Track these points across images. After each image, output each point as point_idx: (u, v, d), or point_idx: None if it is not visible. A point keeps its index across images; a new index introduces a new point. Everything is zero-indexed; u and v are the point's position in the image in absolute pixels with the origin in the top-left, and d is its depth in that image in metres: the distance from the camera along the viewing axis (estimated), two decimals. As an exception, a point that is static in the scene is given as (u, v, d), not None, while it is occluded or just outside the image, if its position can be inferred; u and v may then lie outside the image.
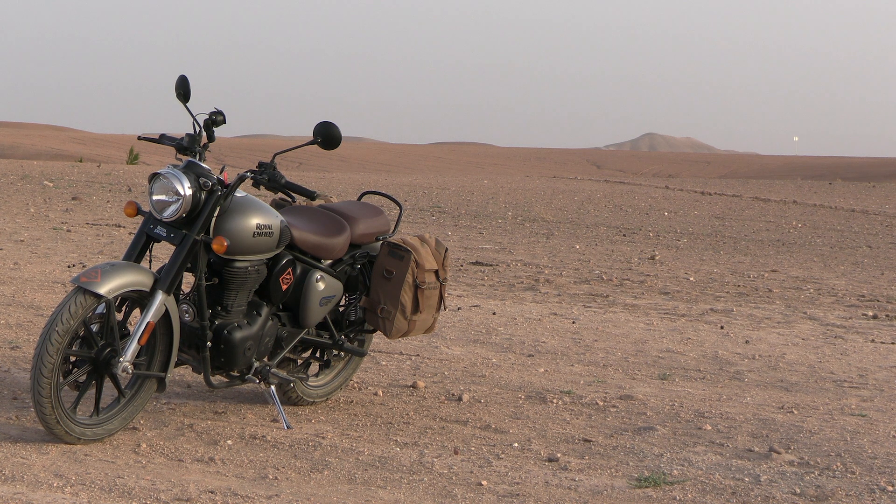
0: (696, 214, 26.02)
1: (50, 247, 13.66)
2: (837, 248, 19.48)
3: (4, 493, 4.72)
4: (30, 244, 13.81)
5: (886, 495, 5.19)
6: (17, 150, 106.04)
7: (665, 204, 29.06)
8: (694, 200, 31.12)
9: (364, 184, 29.38)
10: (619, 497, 5.08)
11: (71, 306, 5.22)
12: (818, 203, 31.84)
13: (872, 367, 8.27)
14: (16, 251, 12.88)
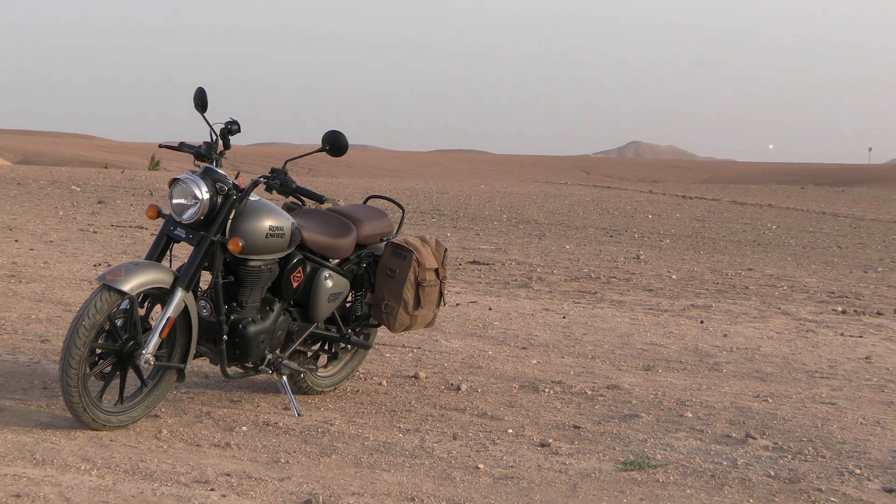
0: (678, 217, 26.00)
1: (77, 247, 13.66)
2: (809, 248, 19.48)
3: (35, 475, 4.73)
4: (58, 244, 13.81)
5: (854, 477, 5.20)
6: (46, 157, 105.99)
7: (649, 207, 29.04)
8: (676, 204, 31.10)
9: (369, 188, 29.36)
10: (606, 479, 5.09)
11: (97, 302, 5.23)
12: (791, 206, 31.82)
13: (841, 359, 8.27)
14: (45, 251, 12.89)
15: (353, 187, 30.64)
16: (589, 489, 4.94)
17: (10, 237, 14.27)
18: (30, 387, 6.21)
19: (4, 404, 5.82)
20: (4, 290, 9.40)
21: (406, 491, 4.79)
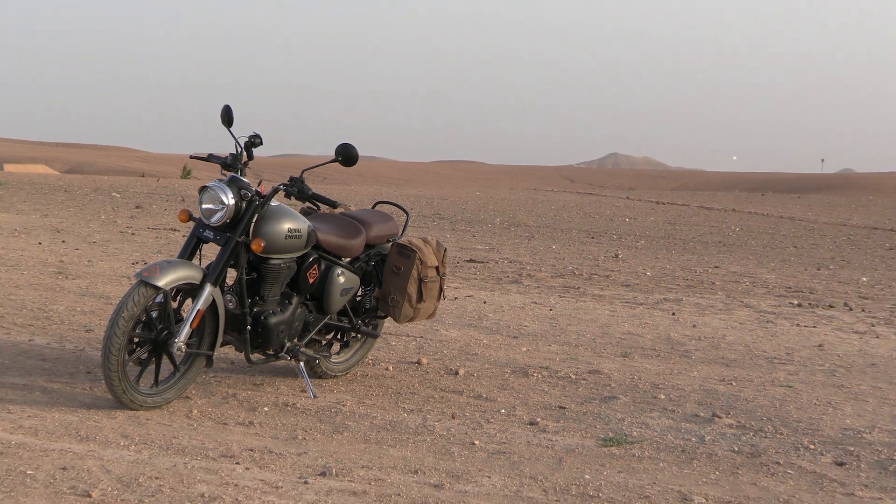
0: (652, 220, 26.01)
1: (117, 247, 13.66)
2: (769, 248, 19.48)
3: (80, 450, 4.73)
4: (101, 245, 13.81)
5: (808, 452, 5.20)
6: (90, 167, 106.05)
7: (626, 212, 29.05)
8: (650, 209, 31.11)
9: (377, 195, 29.35)
10: (588, 454, 5.09)
11: (135, 296, 5.24)
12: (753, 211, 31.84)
13: (797, 347, 8.28)
14: (89, 251, 12.88)
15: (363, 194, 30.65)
16: (573, 463, 4.94)
17: (58, 238, 14.26)
18: (75, 371, 6.21)
19: (53, 387, 5.83)
20: (53, 285, 9.40)
21: (410, 464, 4.79)
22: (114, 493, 4.22)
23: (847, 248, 20.30)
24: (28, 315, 7.83)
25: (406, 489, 4.43)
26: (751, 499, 4.51)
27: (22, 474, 4.37)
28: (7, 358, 6.44)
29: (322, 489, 4.39)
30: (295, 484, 4.44)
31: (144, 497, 4.19)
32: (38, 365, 6.32)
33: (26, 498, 4.12)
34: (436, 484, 4.52)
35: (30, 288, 9.13)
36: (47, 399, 5.58)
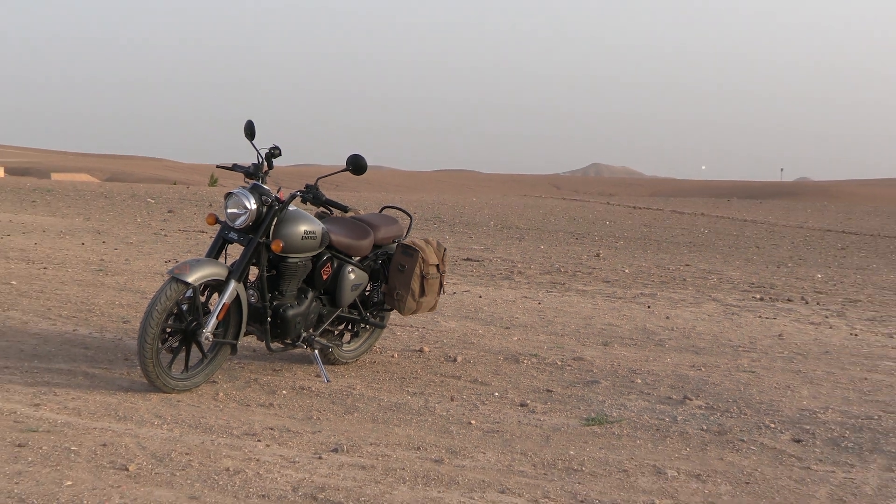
0: (630, 223, 26.02)
1: (151, 247, 13.67)
2: (734, 248, 19.49)
3: (118, 428, 4.74)
4: (137, 245, 13.81)
5: (769, 430, 5.20)
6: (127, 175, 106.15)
7: (607, 216, 29.06)
8: (628, 213, 31.12)
9: (384, 200, 29.38)
10: (572, 432, 5.09)
11: (167, 291, 5.24)
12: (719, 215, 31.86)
13: (759, 336, 8.28)
14: (126, 250, 12.89)
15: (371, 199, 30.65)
16: (559, 440, 4.94)
17: (99, 239, 14.27)
18: (114, 358, 6.21)
19: (94, 372, 5.83)
20: (94, 281, 9.40)
21: (413, 442, 4.79)
22: (148, 467, 4.22)
23: (803, 248, 20.31)
24: (72, 308, 7.83)
25: (410, 464, 4.43)
26: (718, 472, 4.51)
27: (67, 450, 4.38)
28: (53, 346, 6.44)
29: (334, 464, 4.39)
30: (310, 459, 4.44)
31: (176, 471, 4.19)
32: (81, 352, 6.32)
33: (70, 471, 4.13)
34: (436, 459, 4.53)
35: (74, 283, 9.13)
36: (89, 383, 5.59)
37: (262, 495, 3.97)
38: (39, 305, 7.85)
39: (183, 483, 4.06)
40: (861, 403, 5.83)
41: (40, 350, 6.31)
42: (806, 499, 4.21)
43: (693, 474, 4.47)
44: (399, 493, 4.07)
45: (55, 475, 4.08)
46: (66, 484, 3.98)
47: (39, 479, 4.02)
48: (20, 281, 9.03)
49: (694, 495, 4.20)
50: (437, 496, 4.05)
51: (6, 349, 6.29)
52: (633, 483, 4.33)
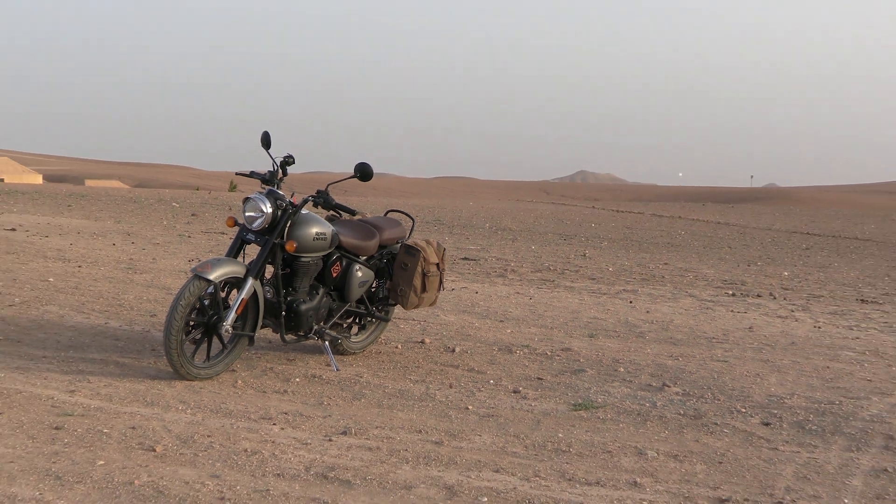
0: (613, 225, 26.03)
1: (176, 247, 13.66)
2: (708, 248, 19.50)
3: (146, 413, 4.74)
4: (163, 245, 13.81)
5: (741, 414, 5.20)
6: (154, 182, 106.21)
7: (592, 219, 29.06)
8: (612, 216, 31.12)
9: (388, 204, 29.38)
10: (561, 417, 5.09)
11: (190, 287, 5.24)
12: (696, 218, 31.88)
13: (732, 329, 8.29)
14: (153, 250, 12.88)
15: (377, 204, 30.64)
16: (549, 424, 4.94)
17: (129, 240, 14.26)
18: (142, 349, 6.21)
19: (124, 361, 5.83)
20: (124, 278, 9.40)
21: (415, 425, 4.79)
22: (174, 448, 4.22)
23: (771, 248, 20.32)
24: (104, 303, 7.83)
25: (412, 445, 4.44)
26: (694, 453, 4.52)
27: (99, 432, 4.38)
28: (87, 338, 6.44)
29: (343, 445, 4.39)
30: (321, 441, 4.44)
31: (199, 451, 4.19)
32: (113, 343, 6.32)
33: (103, 451, 4.13)
34: (436, 441, 4.53)
35: (105, 281, 9.13)
36: (120, 371, 5.59)
37: (277, 474, 3.97)
38: (74, 300, 7.84)
39: (205, 463, 4.07)
40: (824, 390, 5.83)
41: (75, 341, 6.31)
42: (774, 477, 4.22)
43: (671, 455, 4.47)
44: (402, 472, 4.07)
45: (89, 455, 4.08)
46: (99, 463, 3.99)
47: (74, 459, 4.02)
48: (57, 278, 9.02)
49: (672, 474, 4.21)
50: (437, 475, 4.05)
51: (44, 340, 6.29)
52: (616, 463, 4.33)
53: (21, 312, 7.20)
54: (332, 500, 3.71)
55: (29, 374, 5.41)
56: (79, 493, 3.68)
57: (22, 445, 4.17)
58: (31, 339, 6.32)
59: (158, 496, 3.67)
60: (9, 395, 4.92)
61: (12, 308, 7.35)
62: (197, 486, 3.79)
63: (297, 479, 3.92)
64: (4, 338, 6.29)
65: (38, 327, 6.69)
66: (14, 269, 9.48)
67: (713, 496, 3.95)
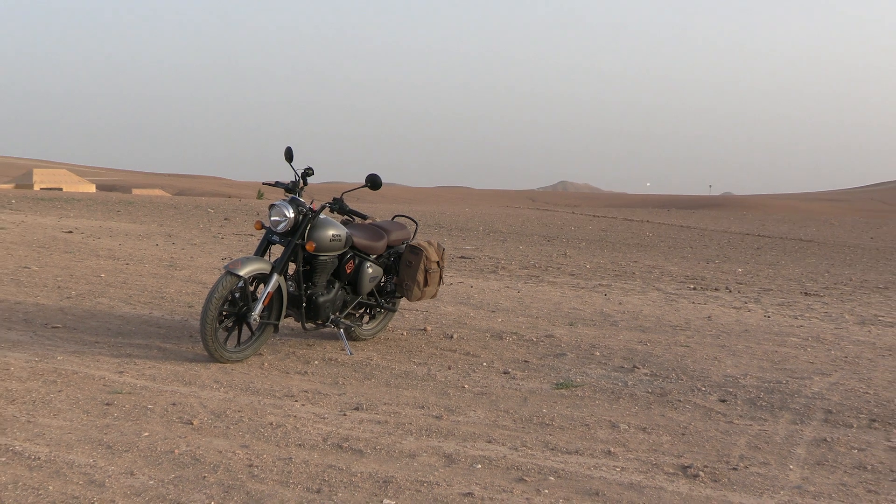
0: (591, 228, 26.01)
1: (211, 247, 13.65)
2: (672, 248, 19.50)
3: (185, 391, 4.73)
4: (199, 246, 13.79)
5: (701, 392, 5.20)
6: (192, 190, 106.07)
7: (572, 222, 29.05)
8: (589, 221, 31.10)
9: (395, 210, 29.33)
10: (545, 394, 5.09)
11: (223, 282, 5.24)
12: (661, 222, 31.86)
13: (693, 318, 8.29)
14: (191, 250, 12.87)
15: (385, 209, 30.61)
16: (535, 400, 4.94)
17: (170, 241, 14.25)
18: (181, 336, 6.21)
19: (165, 346, 5.82)
20: (166, 274, 9.39)
21: (418, 402, 4.79)
22: (209, 421, 4.22)
23: (727, 248, 20.32)
24: (148, 295, 7.82)
25: (415, 419, 4.43)
26: (660, 426, 4.52)
27: (144, 408, 4.37)
28: (134, 326, 6.44)
29: (356, 419, 4.39)
30: (337, 416, 4.44)
31: (230, 425, 4.19)
32: (156, 331, 6.32)
33: (147, 424, 4.13)
34: (436, 416, 4.53)
35: (150, 276, 9.12)
36: (162, 355, 5.58)
37: (298, 444, 3.97)
38: (122, 293, 7.84)
39: (236, 434, 4.06)
40: (772, 371, 5.83)
41: (123, 329, 6.31)
42: (729, 447, 4.22)
43: (640, 427, 4.47)
44: (407, 442, 4.07)
45: (135, 427, 4.08)
46: (144, 434, 3.98)
47: (123, 431, 4.02)
48: (108, 274, 9.02)
49: (641, 444, 4.21)
50: (437, 445, 4.05)
51: (97, 328, 6.28)
52: (592, 434, 4.33)
53: (77, 304, 7.20)
54: (346, 467, 3.71)
55: (84, 357, 5.40)
56: (127, 460, 3.68)
57: (78, 419, 4.17)
58: (86, 326, 6.32)
59: (195, 463, 3.67)
60: (66, 376, 4.92)
61: (70, 300, 7.35)
62: (229, 454, 3.79)
63: (316, 449, 3.91)
64: (63, 326, 6.29)
65: (92, 316, 6.69)
66: (71, 266, 9.48)
67: (677, 463, 3.95)
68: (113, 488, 3.38)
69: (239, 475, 3.57)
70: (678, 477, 3.79)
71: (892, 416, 4.78)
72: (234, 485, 3.47)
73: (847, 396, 5.15)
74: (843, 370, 5.93)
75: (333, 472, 3.66)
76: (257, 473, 3.60)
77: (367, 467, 3.72)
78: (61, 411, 4.27)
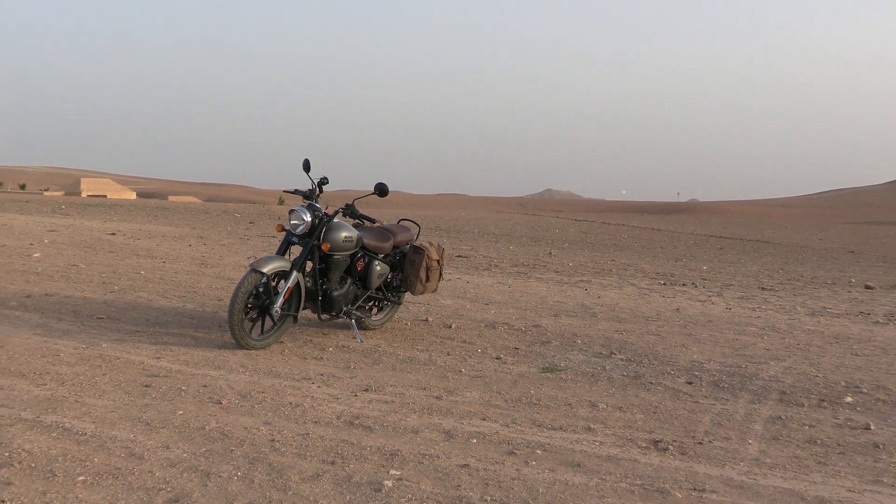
0: (573, 231, 26.01)
1: (238, 248, 13.64)
2: (645, 248, 19.50)
3: (215, 374, 4.72)
4: (227, 246, 13.78)
5: (670, 375, 5.20)
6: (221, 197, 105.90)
7: (557, 225, 29.04)
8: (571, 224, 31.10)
9: (400, 214, 29.33)
10: (533, 377, 5.08)
11: (248, 278, 5.23)
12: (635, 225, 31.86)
13: (663, 310, 8.28)
14: (220, 250, 12.86)
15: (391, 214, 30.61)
16: (524, 382, 4.93)
17: (201, 242, 14.23)
18: (211, 325, 6.20)
19: (198, 335, 5.81)
20: (198, 271, 9.38)
21: (421, 384, 4.79)
22: (235, 401, 4.21)
23: (694, 249, 20.32)
24: (182, 290, 7.81)
25: (418, 399, 4.43)
26: (634, 405, 4.51)
27: (178, 389, 4.37)
28: (170, 317, 6.43)
29: (366, 399, 4.38)
30: (349, 396, 4.43)
31: (255, 404, 4.18)
32: (189, 321, 6.31)
33: (181, 404, 4.12)
34: (437, 396, 4.52)
35: (184, 273, 9.11)
36: (194, 342, 5.58)
37: (315, 421, 3.96)
38: (160, 288, 7.83)
39: (260, 412, 4.06)
40: (734, 357, 5.83)
41: (160, 319, 6.30)
42: (695, 423, 4.21)
43: (617, 406, 4.47)
44: (411, 419, 4.06)
45: (171, 406, 4.07)
46: (178, 413, 3.98)
47: (160, 410, 4.01)
48: (146, 271, 9.01)
49: (617, 421, 4.20)
50: (437, 422, 4.04)
51: (137, 318, 6.28)
52: (574, 412, 4.33)
53: (119, 297, 7.19)
54: (356, 442, 3.71)
55: (125, 344, 5.40)
56: (163, 435, 3.67)
57: (120, 399, 4.17)
58: (127, 317, 6.31)
59: (224, 438, 3.67)
60: (110, 361, 4.92)
61: (113, 294, 7.34)
62: (253, 430, 3.79)
63: (330, 425, 3.91)
64: (107, 317, 6.28)
65: (132, 308, 6.68)
66: (114, 265, 9.47)
67: (649, 438, 3.95)
68: (151, 460, 3.37)
69: (262, 448, 3.57)
70: (650, 450, 3.79)
71: (838, 396, 4.78)
72: (258, 457, 3.46)
73: (799, 379, 5.15)
74: (795, 356, 5.93)
75: (346, 446, 3.65)
76: (278, 447, 3.60)
77: (375, 442, 3.72)
78: (105, 392, 4.26)
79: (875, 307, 9.54)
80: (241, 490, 3.11)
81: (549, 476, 3.39)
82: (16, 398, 4.09)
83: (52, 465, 3.27)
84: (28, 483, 3.09)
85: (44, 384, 4.36)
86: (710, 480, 3.42)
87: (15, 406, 3.96)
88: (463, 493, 3.16)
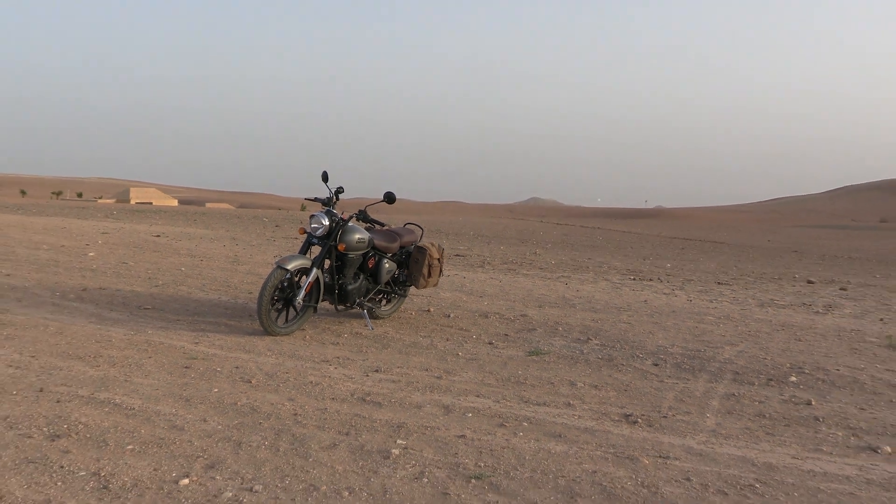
0: (555, 233, 26.00)
1: (266, 248, 13.63)
2: (617, 248, 19.49)
3: (245, 357, 4.72)
4: (257, 246, 13.77)
5: (639, 358, 5.19)
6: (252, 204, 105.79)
7: (541, 229, 29.02)
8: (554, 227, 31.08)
9: (406, 219, 29.28)
10: (520, 359, 5.08)
11: (274, 274, 5.22)
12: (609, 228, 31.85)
13: (633, 301, 8.27)
14: (251, 249, 12.85)
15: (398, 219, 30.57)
16: (513, 364, 4.93)
17: (234, 243, 14.21)
18: (243, 315, 6.19)
19: (231, 323, 5.80)
20: (230, 268, 9.37)
21: (423, 365, 4.78)
22: (263, 380, 4.21)
23: (659, 248, 20.31)
24: (218, 284, 7.81)
25: (422, 379, 4.43)
26: (608, 384, 4.51)
27: (214, 370, 4.36)
28: (206, 307, 6.42)
29: (376, 379, 4.38)
30: (361, 376, 4.43)
31: (280, 383, 4.18)
32: (223, 311, 6.30)
33: (217, 383, 4.12)
34: (437, 376, 4.52)
35: (219, 270, 9.10)
36: (228, 330, 5.57)
37: (332, 398, 3.96)
38: (198, 283, 7.83)
39: (284, 390, 4.06)
40: (694, 342, 5.83)
41: (199, 309, 6.29)
42: (661, 400, 4.22)
43: (593, 385, 4.47)
44: (415, 396, 4.06)
45: (208, 385, 4.07)
46: (214, 391, 3.98)
47: (198, 388, 4.01)
48: (186, 268, 9.00)
49: (593, 398, 4.20)
50: (438, 398, 4.04)
51: (178, 309, 6.27)
52: (556, 390, 4.33)
53: (163, 291, 7.18)
54: (368, 416, 3.71)
55: (168, 331, 5.39)
56: (201, 409, 3.67)
57: (163, 378, 4.16)
58: (170, 308, 6.31)
59: (253, 412, 3.67)
60: (155, 345, 4.91)
61: (157, 288, 7.34)
62: (279, 405, 3.78)
63: (345, 402, 3.91)
64: (152, 307, 6.27)
65: (174, 300, 6.67)
66: (159, 262, 9.46)
67: (621, 412, 3.95)
68: (190, 431, 3.37)
69: (286, 421, 3.57)
70: (622, 423, 3.79)
71: (784, 376, 4.78)
72: (283, 428, 3.46)
73: (750, 361, 5.15)
74: (747, 341, 5.93)
75: (359, 419, 3.65)
76: (301, 420, 3.60)
77: (384, 415, 3.72)
78: (151, 373, 4.26)
79: (815, 299, 9.55)
80: (268, 457, 3.11)
81: (534, 445, 3.39)
82: (74, 378, 4.09)
83: (105, 435, 3.27)
84: (84, 451, 3.09)
85: (98, 366, 4.36)
86: (674, 449, 3.43)
87: (73, 385, 3.96)
88: (460, 460, 3.16)
